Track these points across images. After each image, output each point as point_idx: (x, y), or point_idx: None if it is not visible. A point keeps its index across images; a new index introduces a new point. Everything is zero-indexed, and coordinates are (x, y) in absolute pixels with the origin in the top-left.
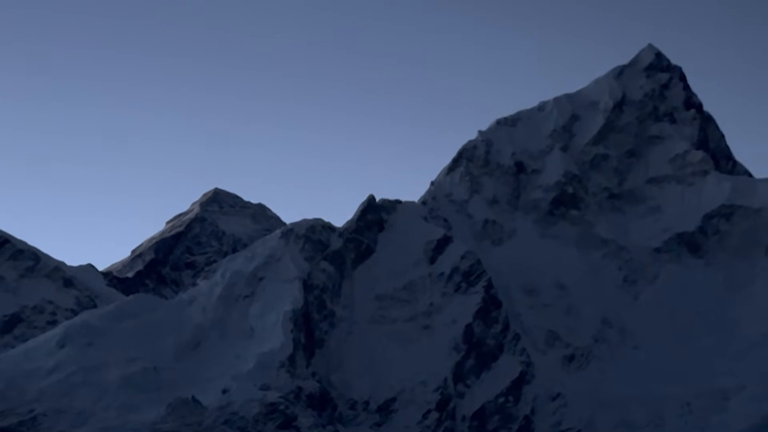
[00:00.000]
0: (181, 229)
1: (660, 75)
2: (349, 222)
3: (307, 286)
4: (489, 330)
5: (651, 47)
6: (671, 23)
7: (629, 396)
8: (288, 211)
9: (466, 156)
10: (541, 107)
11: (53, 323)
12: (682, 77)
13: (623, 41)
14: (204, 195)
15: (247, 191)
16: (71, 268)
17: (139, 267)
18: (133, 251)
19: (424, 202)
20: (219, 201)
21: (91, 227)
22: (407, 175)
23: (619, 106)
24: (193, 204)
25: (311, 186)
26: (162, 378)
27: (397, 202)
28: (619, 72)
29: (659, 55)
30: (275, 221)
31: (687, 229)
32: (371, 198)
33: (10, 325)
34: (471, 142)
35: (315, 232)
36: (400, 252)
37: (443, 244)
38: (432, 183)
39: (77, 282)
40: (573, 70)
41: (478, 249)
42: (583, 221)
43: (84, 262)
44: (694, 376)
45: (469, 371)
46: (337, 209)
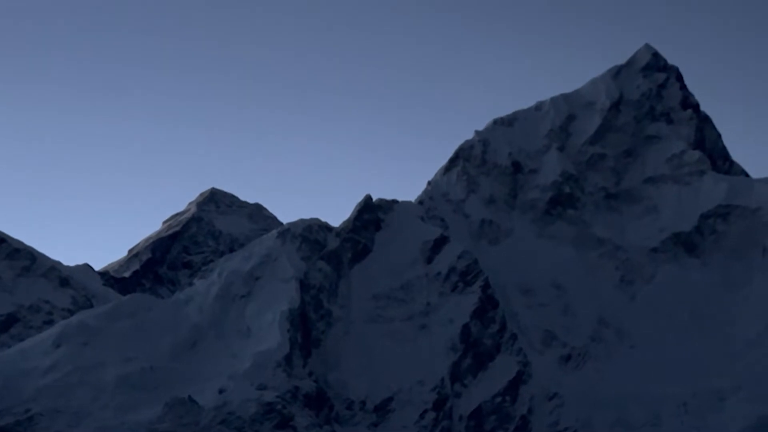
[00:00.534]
0: (178, 229)
1: (657, 75)
2: (346, 222)
3: (304, 285)
4: (486, 330)
5: (648, 47)
6: (668, 23)
7: (626, 396)
8: (285, 211)
9: (463, 156)
10: (538, 107)
11: (50, 323)
12: (678, 77)
13: (620, 41)
14: (201, 195)
15: (244, 191)
16: (68, 267)
17: (136, 266)
18: (130, 251)
19: (421, 201)
20: (216, 201)
21: (88, 227)
22: (404, 175)
23: (616, 105)
24: (190, 204)
25: (308, 186)
26: (159, 377)
27: (394, 201)
28: (616, 72)
29: (656, 55)
30: (272, 221)
31: (684, 229)
32: (368, 198)
33: (6, 325)
34: (468, 141)
35: (312, 231)
36: (397, 252)
37: (440, 243)
38: (429, 183)
39: (74, 281)
40: (570, 70)
41: (475, 249)
42: (580, 221)
43: (80, 261)
44: (690, 376)
45: (466, 371)
46: (334, 209)
